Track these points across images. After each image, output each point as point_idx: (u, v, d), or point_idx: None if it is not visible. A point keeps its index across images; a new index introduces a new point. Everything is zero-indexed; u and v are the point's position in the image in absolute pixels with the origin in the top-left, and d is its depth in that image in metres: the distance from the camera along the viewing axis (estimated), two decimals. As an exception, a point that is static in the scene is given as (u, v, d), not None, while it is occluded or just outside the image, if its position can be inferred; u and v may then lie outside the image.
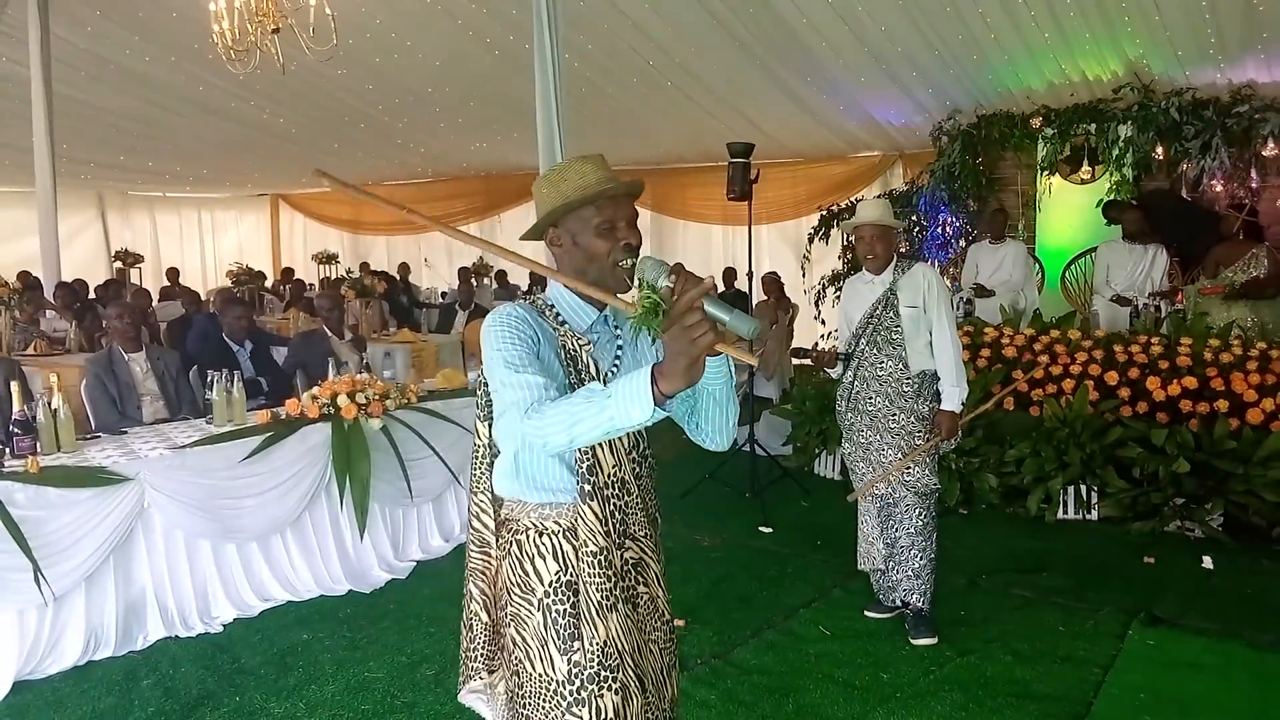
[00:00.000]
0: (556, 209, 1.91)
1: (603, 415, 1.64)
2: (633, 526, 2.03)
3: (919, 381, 4.09)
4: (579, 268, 1.93)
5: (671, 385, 1.58)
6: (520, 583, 1.97)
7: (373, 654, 4.04)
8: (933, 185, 9.84)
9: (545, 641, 1.93)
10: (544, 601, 1.93)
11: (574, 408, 1.69)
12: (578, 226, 1.92)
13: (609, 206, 1.90)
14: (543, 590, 1.94)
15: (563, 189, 1.91)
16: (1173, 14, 7.43)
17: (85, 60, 9.62)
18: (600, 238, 1.90)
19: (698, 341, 1.56)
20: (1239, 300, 6.75)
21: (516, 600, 1.97)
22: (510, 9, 8.03)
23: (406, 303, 12.41)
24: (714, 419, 2.00)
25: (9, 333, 7.91)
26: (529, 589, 1.95)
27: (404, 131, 12.19)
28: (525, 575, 1.96)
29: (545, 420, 1.73)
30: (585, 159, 1.95)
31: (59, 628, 3.93)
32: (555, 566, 1.94)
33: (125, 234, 16.79)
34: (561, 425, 1.70)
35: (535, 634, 1.94)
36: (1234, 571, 4.93)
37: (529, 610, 1.95)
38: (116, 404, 5.15)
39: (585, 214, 1.90)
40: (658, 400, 1.59)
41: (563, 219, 1.93)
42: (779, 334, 10.04)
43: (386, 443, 4.94)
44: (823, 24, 8.25)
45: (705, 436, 2.04)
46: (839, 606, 4.53)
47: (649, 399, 1.58)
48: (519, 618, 1.97)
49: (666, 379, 1.58)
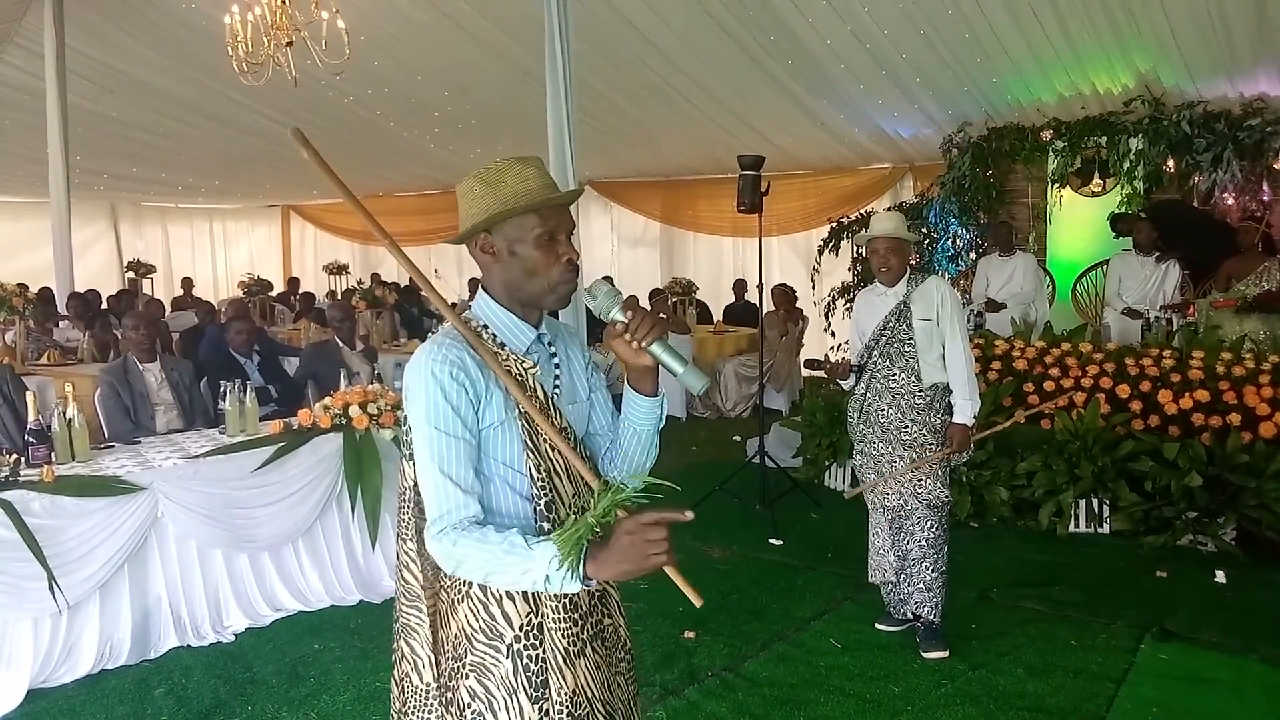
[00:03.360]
0: (496, 213, 1.73)
1: (524, 576, 1.57)
2: None
3: (931, 394, 4.09)
4: (512, 281, 1.78)
5: (601, 575, 1.53)
6: (485, 628, 1.75)
7: (383, 664, 4.04)
8: (943, 198, 9.84)
9: (514, 690, 1.74)
10: (514, 647, 1.74)
11: (495, 556, 1.59)
12: (516, 235, 1.75)
13: (552, 216, 1.76)
14: (513, 635, 1.74)
15: (500, 192, 1.74)
16: (1184, 27, 7.42)
17: (99, 72, 9.71)
18: (539, 249, 1.74)
19: (651, 559, 1.51)
20: (1251, 313, 6.73)
21: (480, 648, 1.76)
22: (520, 22, 8.07)
23: (417, 313, 12.45)
24: (632, 459, 1.89)
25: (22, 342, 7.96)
26: (496, 634, 1.75)
27: (414, 143, 12.24)
28: (491, 620, 1.75)
29: (459, 553, 1.62)
30: (525, 161, 1.79)
31: (73, 636, 3.95)
32: (526, 608, 1.75)
33: (138, 244, 16.90)
34: (476, 567, 1.63)
35: (503, 683, 1.74)
36: (1247, 586, 4.90)
37: (496, 658, 1.75)
38: (130, 414, 5.19)
39: (526, 222, 1.74)
40: (584, 581, 1.53)
41: (499, 226, 1.76)
42: (788, 346, 10.04)
43: (398, 453, 4.93)
44: (832, 36, 8.27)
45: (616, 471, 1.89)
46: (850, 619, 4.52)
47: (577, 582, 1.53)
48: (482, 667, 1.75)
49: (600, 567, 1.52)
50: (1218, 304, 6.92)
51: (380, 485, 4.83)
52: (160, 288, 15.36)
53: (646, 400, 1.82)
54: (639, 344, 1.69)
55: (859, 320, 4.36)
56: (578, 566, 1.52)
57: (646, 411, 1.84)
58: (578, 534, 1.52)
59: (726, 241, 13.76)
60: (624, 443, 1.89)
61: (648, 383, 1.81)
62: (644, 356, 1.73)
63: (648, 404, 1.83)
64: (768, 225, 6.91)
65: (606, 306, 1.73)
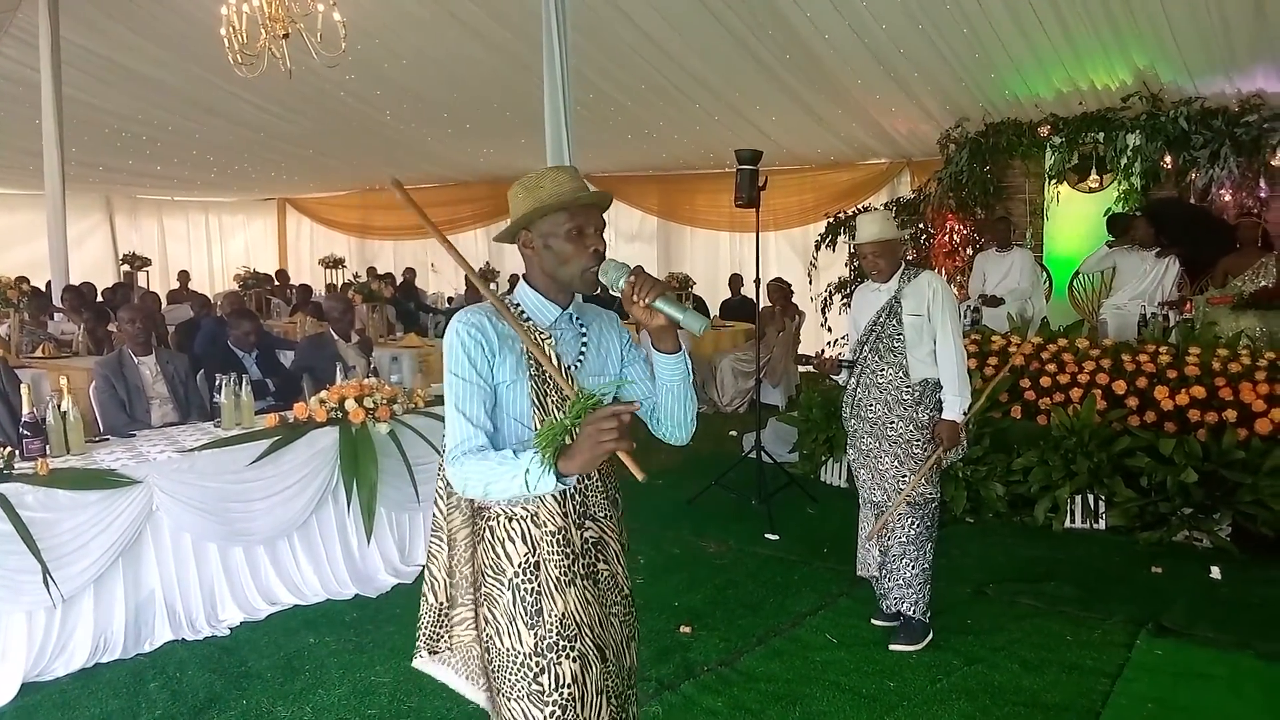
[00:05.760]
0: (532, 212, 2.03)
1: (514, 482, 1.84)
2: (593, 508, 2.15)
3: (920, 389, 4.08)
4: (549, 270, 2.08)
5: (570, 470, 1.80)
6: (493, 565, 2.07)
7: (379, 658, 4.04)
8: (940, 193, 9.83)
9: (514, 618, 2.04)
10: (513, 581, 2.05)
11: (491, 468, 1.89)
12: (550, 230, 2.04)
13: (580, 213, 2.04)
14: (512, 571, 2.05)
15: (538, 195, 2.04)
16: (1182, 23, 7.42)
17: (95, 64, 9.66)
18: (570, 242, 2.03)
19: (603, 444, 1.74)
20: (1248, 310, 6.73)
21: (490, 581, 2.08)
22: (518, 15, 8.04)
23: (413, 307, 12.42)
24: (673, 413, 2.16)
25: (16, 334, 7.93)
26: (500, 570, 2.06)
27: (411, 137, 12.21)
28: (498, 558, 2.07)
29: (465, 471, 1.93)
30: (561, 169, 2.11)
31: (67, 630, 3.94)
32: (524, 549, 2.05)
33: (133, 237, 16.85)
34: (478, 481, 1.92)
35: (505, 611, 2.05)
36: (1242, 582, 4.91)
37: (500, 590, 2.06)
38: (125, 407, 5.17)
39: (558, 219, 2.03)
40: (559, 477, 1.80)
41: (536, 223, 2.06)
42: (785, 341, 10.03)
43: (393, 447, 4.94)
44: (831, 31, 8.26)
45: (665, 431, 2.19)
46: (845, 614, 4.52)
47: (552, 478, 1.80)
48: (491, 597, 2.07)
49: (568, 462, 1.79)
50: (1214, 300, 6.93)
51: (376, 479, 4.82)
52: (156, 281, 15.32)
53: (669, 357, 2.09)
54: (645, 302, 1.91)
55: (855, 315, 4.37)
56: (551, 463, 1.79)
57: (672, 367, 2.10)
58: (553, 433, 1.79)
59: (724, 236, 13.75)
60: (662, 401, 2.16)
61: (668, 341, 2.06)
62: (658, 316, 1.93)
63: (670, 360, 2.09)
64: (765, 220, 6.89)
65: (615, 278, 1.96)
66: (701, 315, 1.89)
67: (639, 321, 1.97)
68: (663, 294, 1.91)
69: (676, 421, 2.17)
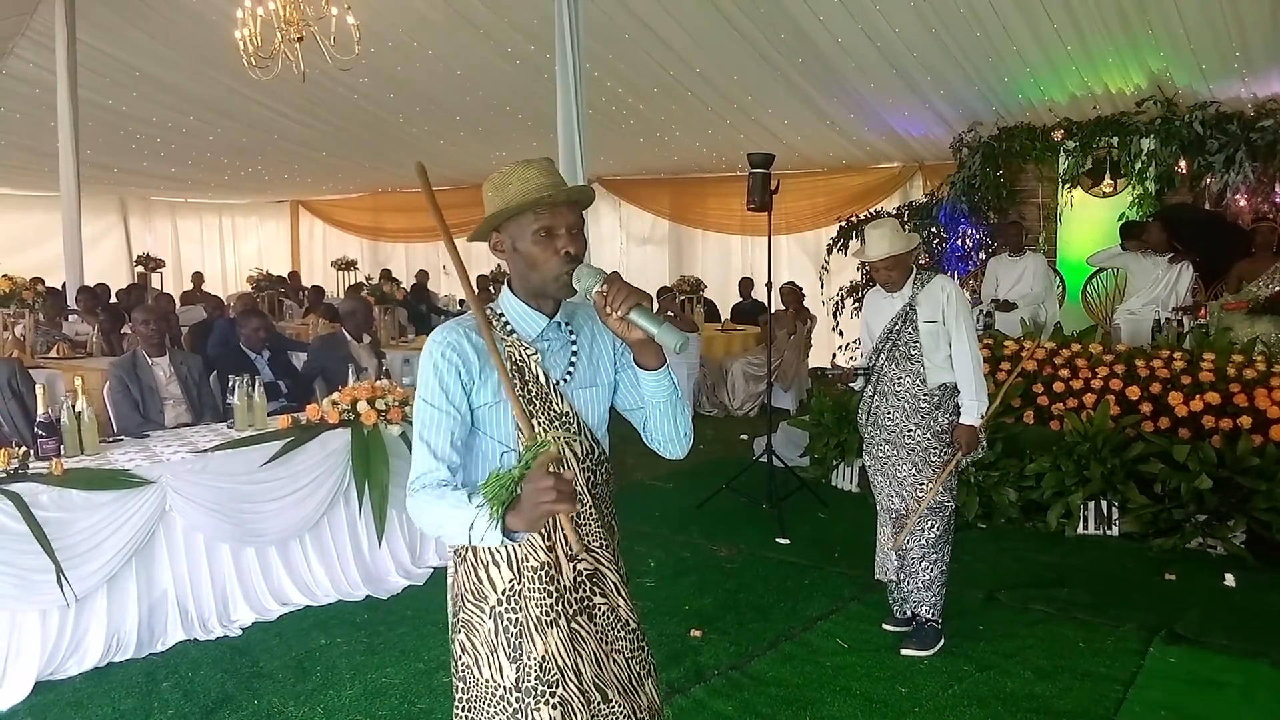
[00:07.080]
0: (498, 213, 1.87)
1: (463, 531, 1.69)
2: (586, 537, 1.96)
3: (938, 395, 4.07)
4: (521, 274, 1.92)
5: (517, 527, 1.65)
6: (474, 590, 1.93)
7: (390, 659, 4.05)
8: (953, 197, 9.81)
9: (495, 649, 1.90)
10: (496, 610, 1.90)
11: (445, 511, 1.74)
12: (517, 232, 1.88)
13: (547, 213, 1.85)
14: (495, 598, 1.90)
15: (506, 193, 1.87)
16: (1197, 27, 7.39)
17: (111, 67, 9.74)
18: (538, 245, 1.85)
19: (540, 507, 1.59)
20: (1263, 315, 6.69)
21: (470, 607, 1.94)
22: (531, 19, 8.07)
23: (425, 310, 12.45)
24: (663, 429, 2.01)
25: (31, 335, 7.98)
26: (482, 596, 1.92)
27: (423, 140, 12.25)
28: (479, 583, 1.92)
29: (421, 508, 1.80)
30: (531, 163, 1.90)
31: (80, 629, 3.96)
32: (509, 574, 1.90)
33: (147, 238, 16.95)
34: (431, 522, 1.80)
35: (486, 641, 1.91)
36: (1257, 589, 4.87)
37: (481, 618, 1.92)
38: (139, 407, 5.19)
39: (524, 220, 1.86)
40: (507, 534, 1.65)
41: (505, 225, 1.90)
42: (797, 344, 10.02)
43: (405, 449, 4.95)
44: (843, 35, 8.26)
45: (657, 445, 2.05)
46: (857, 619, 4.51)
47: (498, 534, 1.65)
48: (470, 624, 1.94)
49: (515, 519, 1.64)
50: (1229, 306, 6.89)
51: (387, 481, 4.83)
52: (169, 282, 15.40)
53: (651, 374, 1.92)
54: (618, 314, 1.74)
55: (867, 320, 4.36)
56: (498, 518, 1.63)
57: (655, 383, 1.93)
58: (501, 484, 1.63)
59: (735, 240, 13.74)
60: (651, 416, 2.01)
61: (648, 355, 1.89)
62: (634, 329, 1.76)
63: (652, 377, 1.92)
64: (777, 224, 6.90)
65: (588, 286, 1.78)
66: (679, 331, 1.73)
67: (616, 334, 1.82)
68: (637, 305, 1.74)
69: (667, 437, 2.01)
